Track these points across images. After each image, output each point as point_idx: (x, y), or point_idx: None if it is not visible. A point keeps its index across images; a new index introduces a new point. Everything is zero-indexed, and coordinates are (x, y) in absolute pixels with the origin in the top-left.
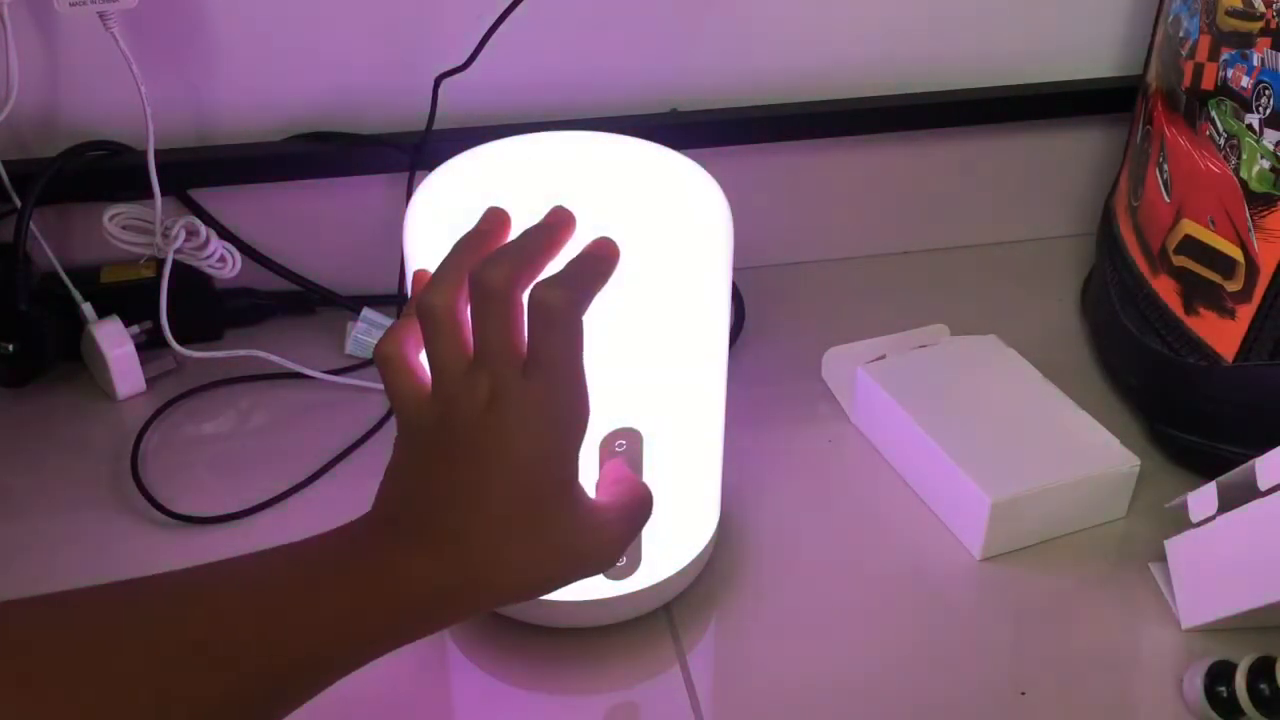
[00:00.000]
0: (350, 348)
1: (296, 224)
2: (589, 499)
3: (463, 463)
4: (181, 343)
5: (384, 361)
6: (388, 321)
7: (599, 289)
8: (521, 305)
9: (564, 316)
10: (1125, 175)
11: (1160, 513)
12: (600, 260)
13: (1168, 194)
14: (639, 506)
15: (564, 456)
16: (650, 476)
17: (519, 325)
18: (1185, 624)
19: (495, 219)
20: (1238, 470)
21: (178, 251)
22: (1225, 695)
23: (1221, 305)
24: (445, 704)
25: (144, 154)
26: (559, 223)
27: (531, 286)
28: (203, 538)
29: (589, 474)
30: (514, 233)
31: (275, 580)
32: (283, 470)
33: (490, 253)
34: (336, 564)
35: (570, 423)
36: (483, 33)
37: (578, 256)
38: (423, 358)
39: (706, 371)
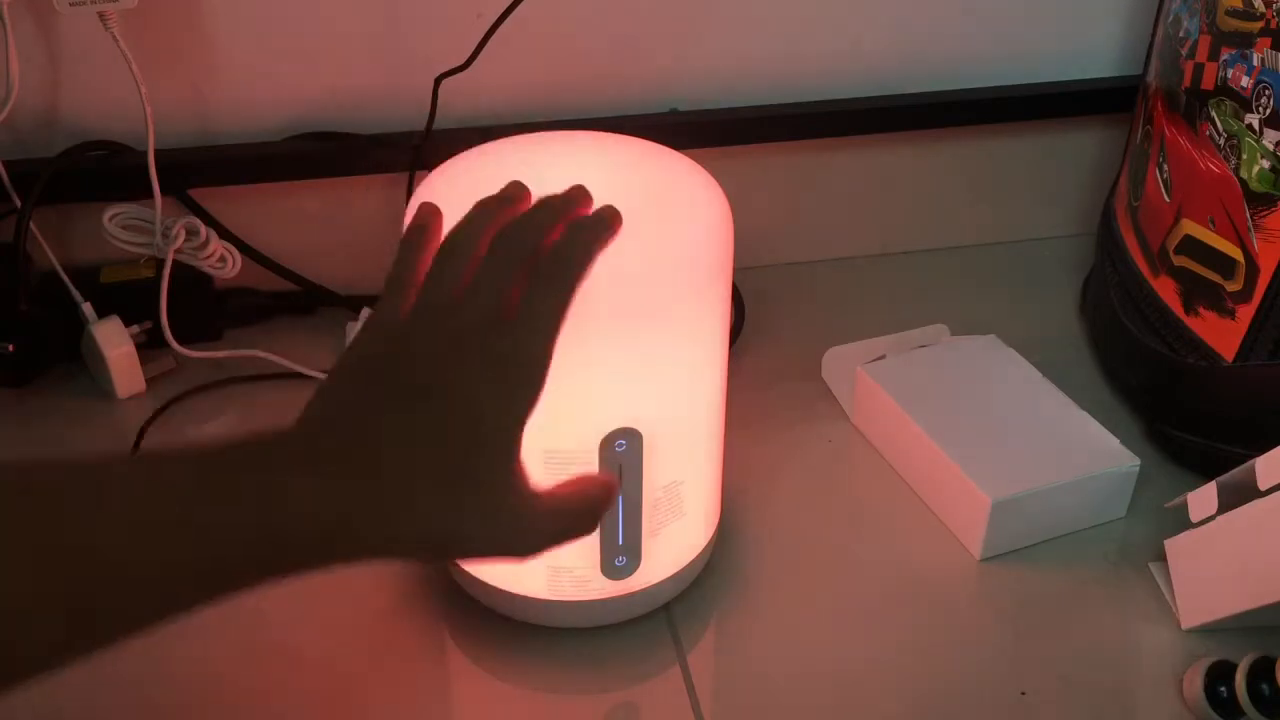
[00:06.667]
0: None
1: (296, 224)
2: (529, 481)
3: (405, 398)
4: (181, 343)
5: (392, 283)
6: None
7: (597, 256)
8: (526, 269)
9: (560, 282)
10: (1125, 175)
11: (1160, 513)
12: (603, 226)
13: (1168, 194)
14: (584, 513)
15: (511, 420)
16: (650, 476)
17: (514, 283)
18: (1185, 624)
19: (519, 191)
20: (1238, 470)
21: (178, 251)
22: (1225, 695)
23: (1221, 305)
24: (445, 704)
25: (144, 154)
26: (580, 198)
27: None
28: None
29: (590, 471)
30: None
31: (188, 497)
32: None
33: (519, 218)
34: (256, 491)
35: (526, 387)
36: (483, 33)
37: (582, 220)
38: None
39: (706, 371)
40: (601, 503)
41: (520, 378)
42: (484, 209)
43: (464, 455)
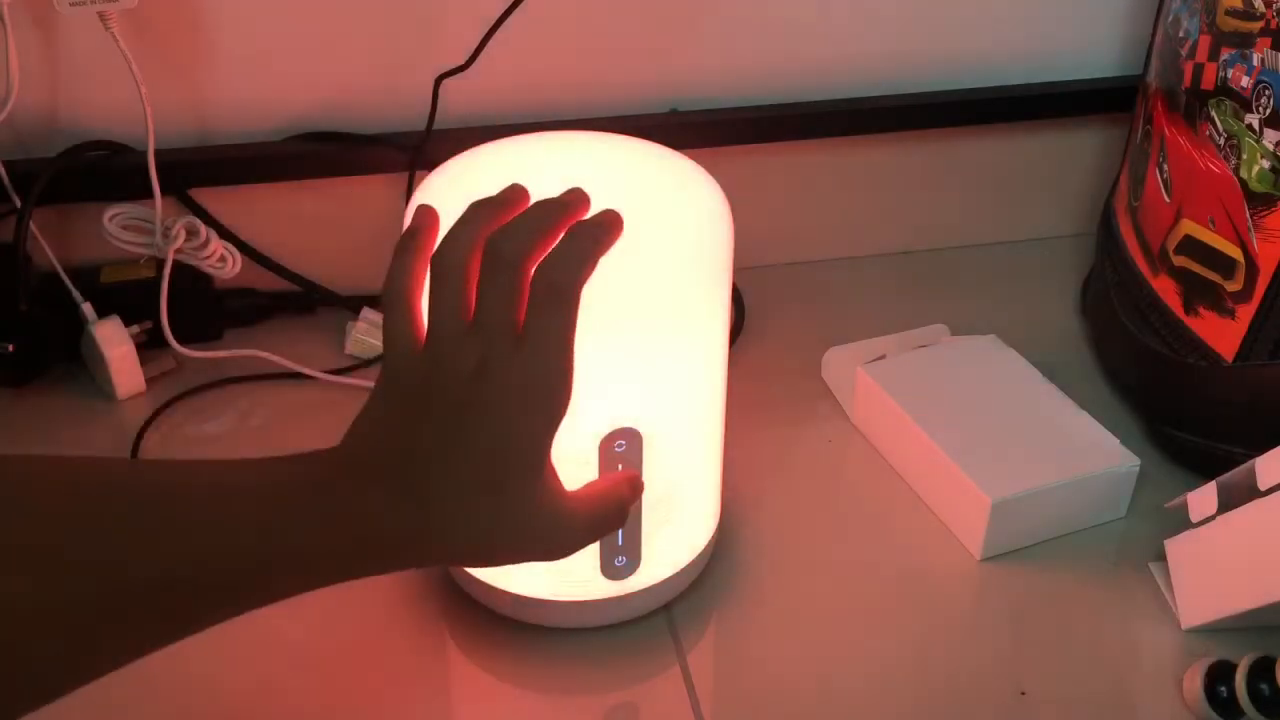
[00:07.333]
0: (350, 348)
1: (296, 224)
2: (559, 487)
3: (439, 425)
4: (181, 342)
5: (391, 301)
6: None
7: (599, 261)
8: (528, 278)
9: (563, 292)
10: (1125, 175)
11: (1160, 513)
12: (603, 230)
13: (1168, 194)
14: (611, 510)
15: (538, 436)
16: (650, 476)
17: (522, 298)
18: (1185, 624)
19: (517, 195)
20: (1238, 470)
21: (178, 251)
22: (1225, 695)
23: (1221, 305)
24: (445, 704)
25: (144, 154)
26: (575, 202)
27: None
28: None
29: (589, 471)
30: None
31: (240, 498)
32: None
33: (509, 222)
34: (300, 493)
35: (551, 404)
36: (483, 33)
37: (582, 225)
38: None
39: (706, 371)
40: (628, 497)
41: (543, 396)
42: (477, 212)
43: (499, 472)
